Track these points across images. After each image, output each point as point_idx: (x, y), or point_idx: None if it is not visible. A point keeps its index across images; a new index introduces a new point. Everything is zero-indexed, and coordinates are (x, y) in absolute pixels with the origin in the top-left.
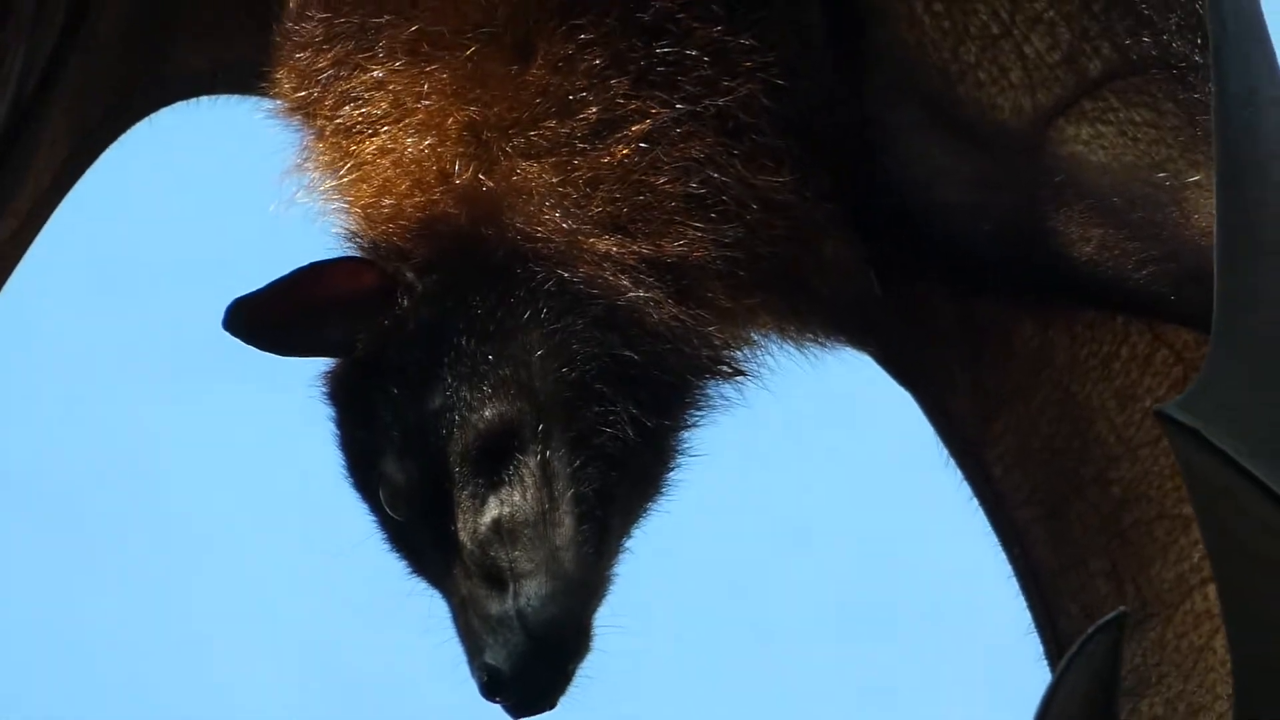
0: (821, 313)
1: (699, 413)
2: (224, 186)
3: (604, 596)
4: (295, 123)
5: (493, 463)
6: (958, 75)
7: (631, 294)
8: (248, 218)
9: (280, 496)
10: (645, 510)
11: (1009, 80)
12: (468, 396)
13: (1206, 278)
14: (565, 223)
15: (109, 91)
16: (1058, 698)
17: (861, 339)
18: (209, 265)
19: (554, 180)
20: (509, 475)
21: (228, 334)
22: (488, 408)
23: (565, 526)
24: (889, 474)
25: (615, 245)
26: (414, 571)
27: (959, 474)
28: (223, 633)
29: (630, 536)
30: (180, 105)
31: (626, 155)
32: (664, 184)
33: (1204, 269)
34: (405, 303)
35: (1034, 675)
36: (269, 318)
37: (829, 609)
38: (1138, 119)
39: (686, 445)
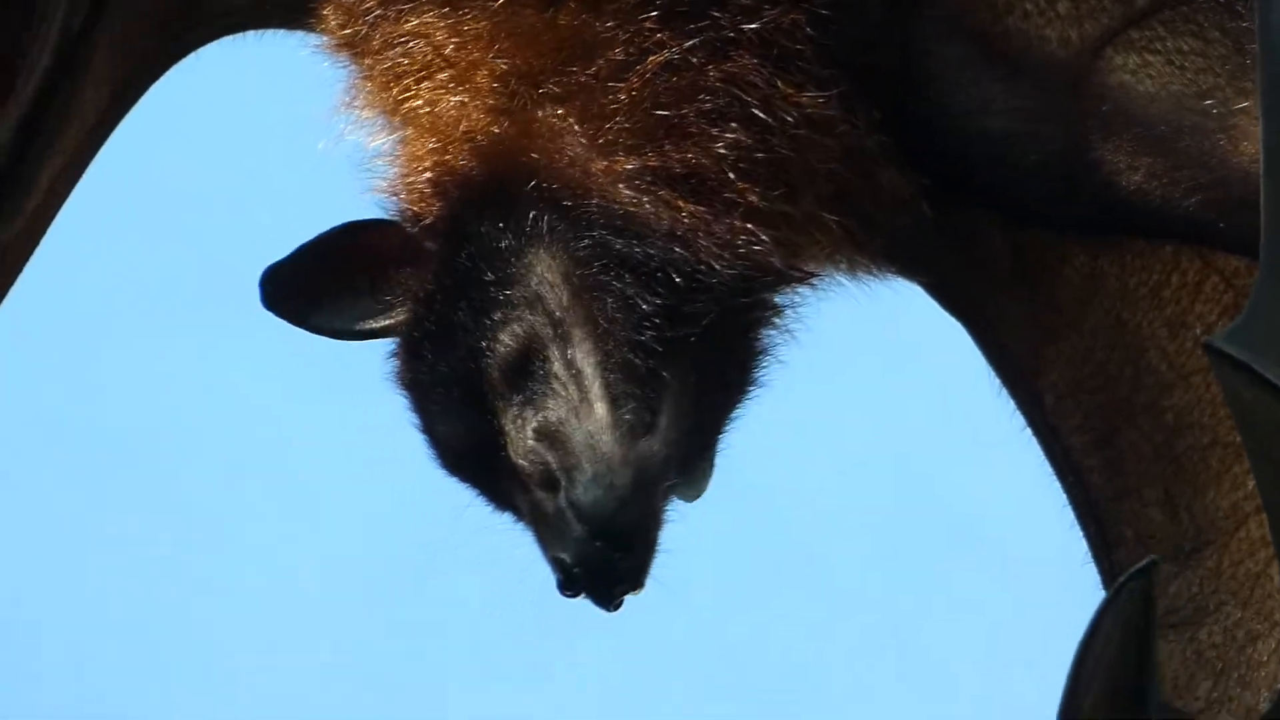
0: (877, 241)
1: (760, 313)
2: (271, 122)
3: (666, 473)
4: (342, 59)
5: (524, 380)
6: (1005, 8)
7: (630, 198)
8: (294, 154)
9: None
10: (721, 403)
11: (1056, 11)
12: (490, 331)
13: (1255, 204)
14: (575, 153)
15: (153, 27)
16: (1093, 646)
17: (914, 269)
18: (253, 204)
19: (574, 120)
20: (539, 386)
21: (268, 311)
22: (506, 332)
23: (598, 412)
24: (941, 404)
25: (619, 162)
26: (513, 519)
27: (1011, 403)
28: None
29: (711, 427)
30: (226, 40)
31: (640, 84)
32: (678, 103)
33: (1252, 195)
34: (428, 268)
35: (1088, 604)
36: (303, 282)
37: (880, 537)
38: (1185, 48)
39: (758, 346)
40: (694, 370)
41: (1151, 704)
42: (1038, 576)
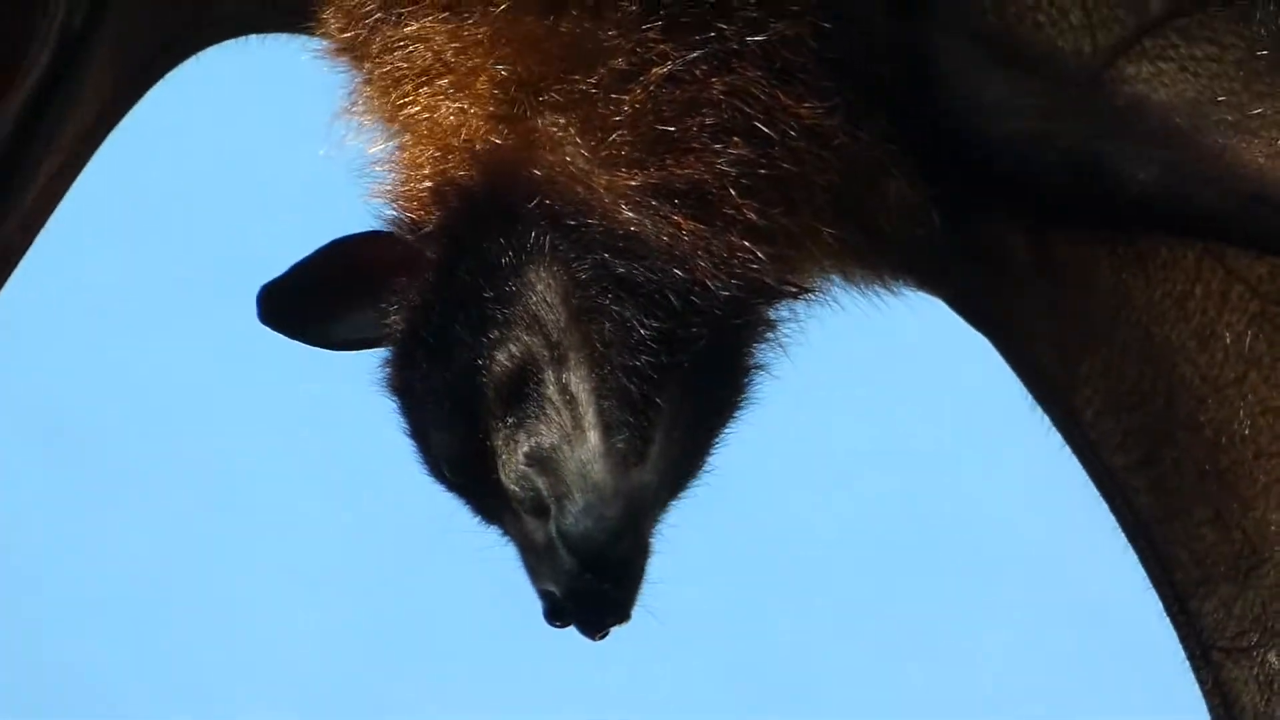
0: (889, 254)
1: (753, 331)
2: (273, 126)
3: (657, 502)
4: (342, 63)
5: (518, 401)
6: (1016, 18)
7: (632, 218)
8: (295, 159)
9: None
10: (712, 425)
11: (1069, 22)
12: (486, 349)
13: (1269, 201)
14: (577, 167)
15: (156, 28)
16: None
17: (932, 282)
18: (252, 208)
19: (575, 131)
20: (533, 408)
21: (266, 327)
22: (502, 351)
23: (591, 441)
24: (967, 421)
25: (620, 178)
26: (500, 535)
27: (1047, 420)
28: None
29: (702, 450)
30: (228, 44)
31: (644, 96)
32: (681, 117)
33: (1269, 192)
34: (425, 277)
35: (1144, 632)
36: (299, 299)
37: (915, 558)
38: (1199, 54)
39: (750, 363)
40: (687, 395)
41: None
42: (1045, 585)
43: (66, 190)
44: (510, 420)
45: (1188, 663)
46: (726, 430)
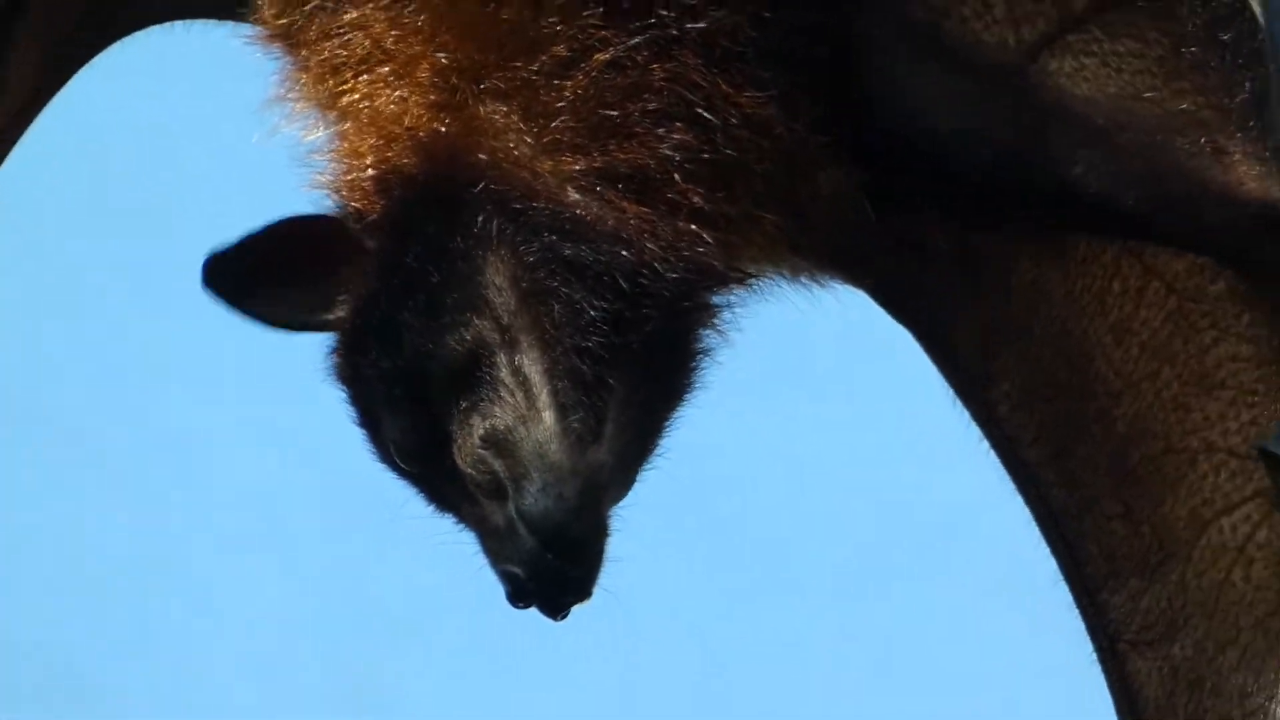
0: (819, 245)
1: (702, 315)
2: (202, 113)
3: (613, 482)
4: (276, 50)
5: (471, 385)
6: (942, 11)
7: (578, 200)
8: (228, 146)
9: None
10: (664, 407)
11: (993, 16)
12: (436, 334)
13: (1192, 199)
14: (519, 152)
15: (82, 12)
16: None
17: (858, 275)
18: (185, 193)
19: (518, 118)
20: (487, 391)
21: (208, 294)
22: (453, 335)
23: (546, 421)
24: (893, 416)
25: (565, 163)
26: (456, 522)
27: (966, 414)
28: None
29: (654, 431)
30: (155, 29)
31: (586, 82)
32: (623, 102)
33: (1189, 191)
34: (372, 265)
35: (1059, 624)
36: (244, 272)
37: (840, 554)
38: (1121, 50)
39: (699, 347)
40: (639, 376)
41: None
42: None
43: None
44: (464, 404)
45: (1095, 654)
46: (677, 413)
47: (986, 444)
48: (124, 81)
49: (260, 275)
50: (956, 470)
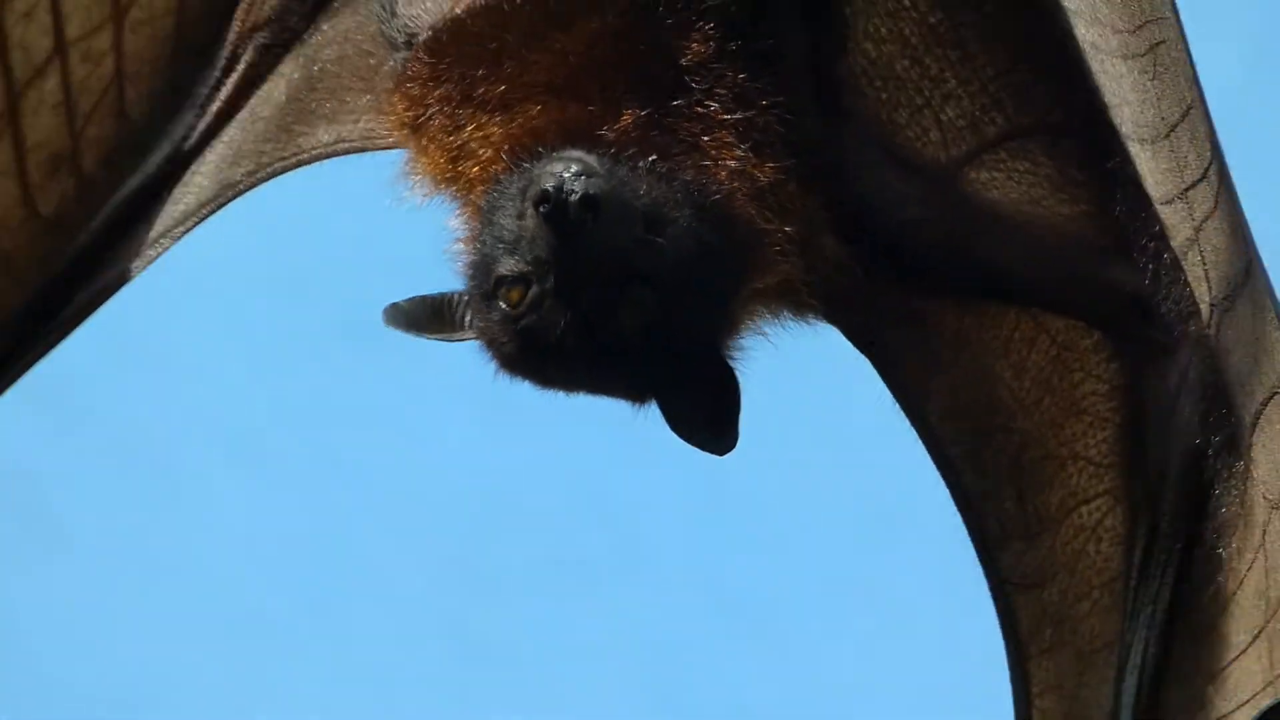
0: (815, 293)
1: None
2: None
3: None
4: (404, 137)
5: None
6: (894, 131)
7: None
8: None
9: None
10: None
11: (929, 138)
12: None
13: (1076, 283)
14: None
15: (250, 157)
16: None
17: (836, 318)
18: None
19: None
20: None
21: (388, 327)
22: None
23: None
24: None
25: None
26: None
27: (906, 422)
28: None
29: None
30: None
31: (652, 150)
32: (673, 153)
33: (1075, 276)
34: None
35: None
36: (411, 312)
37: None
38: (1021, 168)
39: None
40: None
41: None
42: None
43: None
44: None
45: (990, 593)
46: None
47: (921, 444)
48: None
49: (422, 318)
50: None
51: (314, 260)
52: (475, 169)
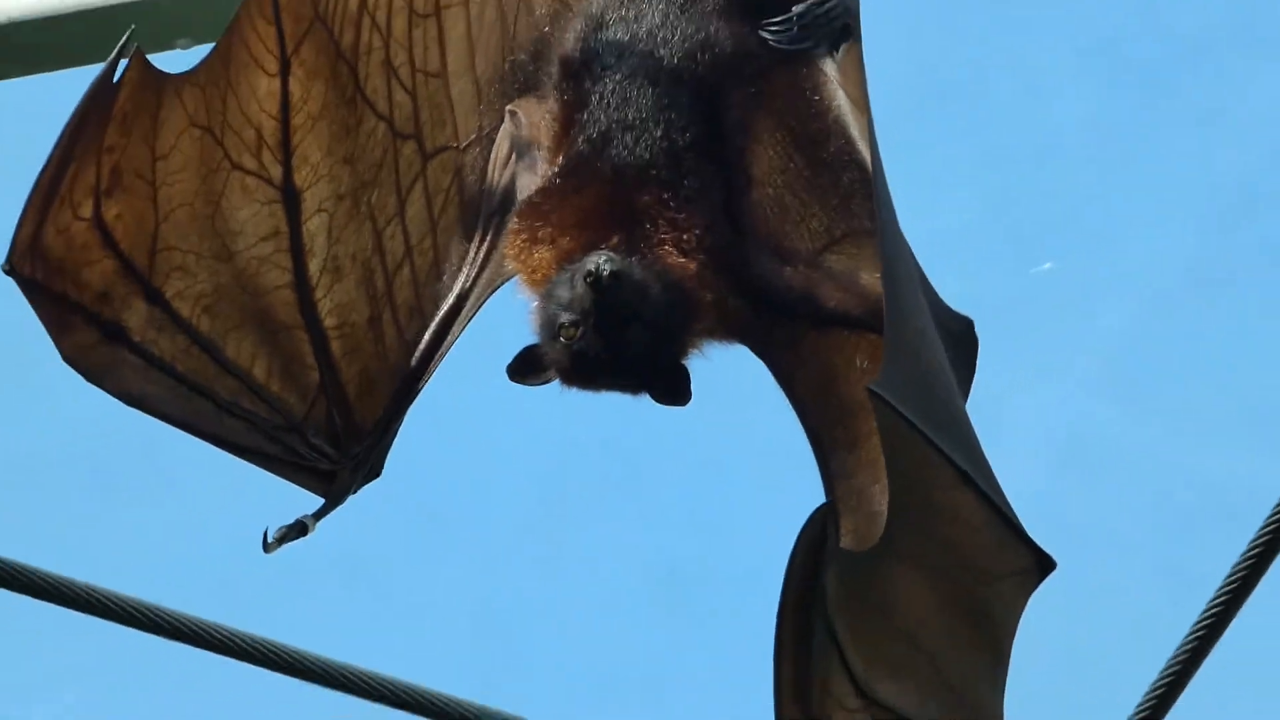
0: (731, 329)
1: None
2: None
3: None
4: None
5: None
6: (780, 236)
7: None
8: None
9: None
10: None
11: (801, 239)
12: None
13: (875, 316)
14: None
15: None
16: (794, 556)
17: (744, 342)
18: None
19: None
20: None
21: (513, 380)
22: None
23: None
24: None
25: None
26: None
27: (789, 405)
28: None
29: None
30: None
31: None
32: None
33: (876, 311)
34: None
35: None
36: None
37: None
38: (853, 252)
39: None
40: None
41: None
42: None
43: None
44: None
45: (826, 499)
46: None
47: (797, 419)
48: None
49: (523, 369)
50: None
51: None
52: (539, 274)
